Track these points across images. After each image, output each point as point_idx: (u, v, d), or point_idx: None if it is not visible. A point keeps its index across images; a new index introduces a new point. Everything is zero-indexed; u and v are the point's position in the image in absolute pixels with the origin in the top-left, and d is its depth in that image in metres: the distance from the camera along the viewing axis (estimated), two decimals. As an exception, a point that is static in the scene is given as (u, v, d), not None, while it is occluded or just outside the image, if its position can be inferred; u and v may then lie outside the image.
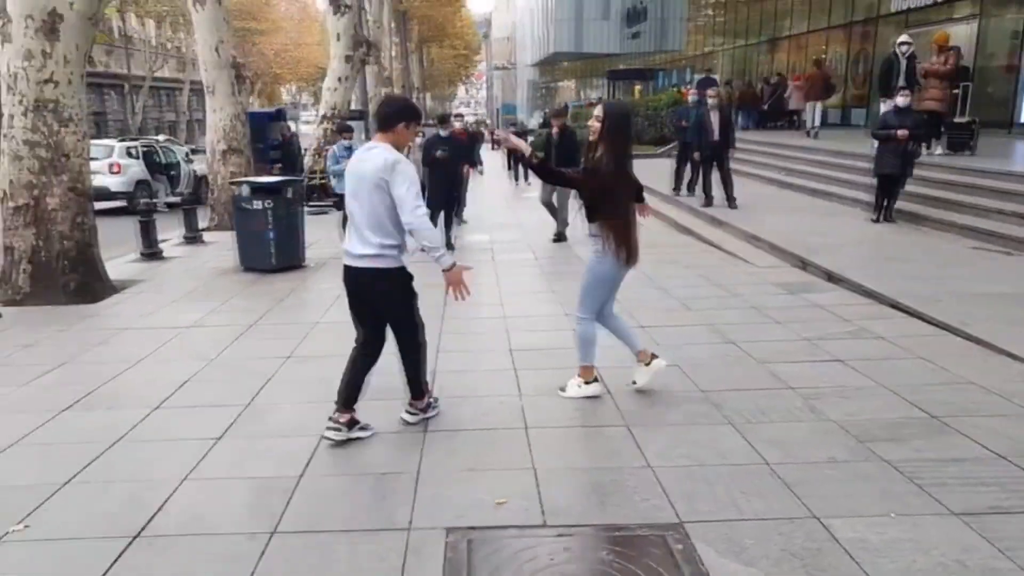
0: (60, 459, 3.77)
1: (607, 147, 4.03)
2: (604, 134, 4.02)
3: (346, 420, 3.86)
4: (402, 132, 3.74)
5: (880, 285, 6.64)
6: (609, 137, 4.02)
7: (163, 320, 6.55)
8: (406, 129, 3.75)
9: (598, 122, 4.05)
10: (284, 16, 50.90)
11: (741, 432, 3.87)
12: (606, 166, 4.03)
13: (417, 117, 3.86)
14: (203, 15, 11.19)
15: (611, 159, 4.03)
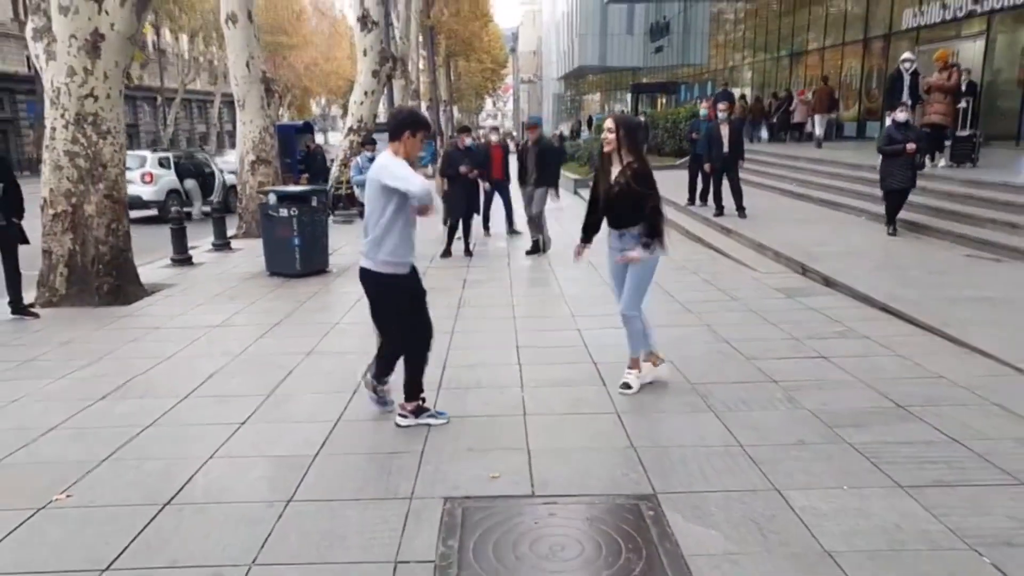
0: (97, 440, 4.17)
1: (632, 150, 4.38)
2: (623, 141, 4.36)
3: (412, 408, 4.25)
4: (408, 141, 4.04)
5: (873, 290, 6.89)
6: (628, 142, 4.36)
7: (192, 320, 6.99)
8: (412, 138, 4.04)
9: (611, 133, 4.39)
10: (315, 31, 52.03)
11: (721, 419, 4.19)
12: (643, 167, 4.38)
13: (422, 126, 4.14)
14: (235, 32, 11.74)
15: (640, 159, 4.39)
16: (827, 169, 14.24)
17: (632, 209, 4.45)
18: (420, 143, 4.16)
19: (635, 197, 4.40)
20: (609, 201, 4.56)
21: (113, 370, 5.47)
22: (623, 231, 4.55)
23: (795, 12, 25.08)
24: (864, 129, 20.64)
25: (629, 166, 4.40)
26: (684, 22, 37.90)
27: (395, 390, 4.41)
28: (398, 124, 4.10)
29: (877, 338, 5.66)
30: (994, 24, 15.64)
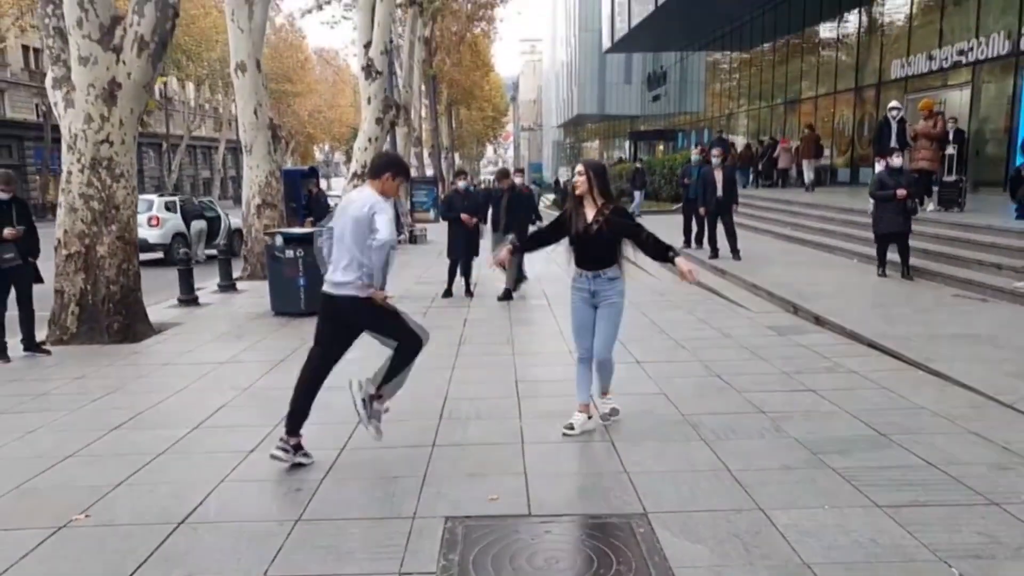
0: (113, 466, 4.35)
1: (603, 193, 4.56)
2: (593, 182, 4.57)
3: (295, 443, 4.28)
4: (387, 181, 4.22)
5: (861, 328, 7.12)
6: (599, 185, 4.59)
7: (200, 357, 7.20)
8: (392, 180, 4.24)
9: (581, 175, 4.62)
10: (319, 79, 53.20)
11: (711, 446, 4.37)
12: (619, 206, 4.61)
13: (403, 172, 4.36)
14: (244, 80, 12.18)
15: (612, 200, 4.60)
16: (819, 213, 14.60)
17: (608, 250, 4.58)
18: (397, 188, 4.36)
19: (613, 236, 4.52)
20: (585, 242, 4.59)
21: (125, 403, 5.66)
22: (598, 272, 4.60)
23: (788, 62, 25.83)
24: (857, 175, 21.12)
25: (604, 206, 4.55)
26: (681, 71, 38.90)
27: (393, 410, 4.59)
28: (383, 164, 4.32)
29: (864, 372, 5.87)
30: (979, 74, 16.18)
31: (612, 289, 4.63)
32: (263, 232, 12.36)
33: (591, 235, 4.58)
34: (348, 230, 4.11)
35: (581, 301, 4.73)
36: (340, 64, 58.11)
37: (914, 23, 18.59)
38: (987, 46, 15.53)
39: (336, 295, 4.24)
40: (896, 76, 18.87)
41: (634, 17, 31.16)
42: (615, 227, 4.55)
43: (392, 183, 4.29)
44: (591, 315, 4.72)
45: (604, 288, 4.63)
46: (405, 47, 26.22)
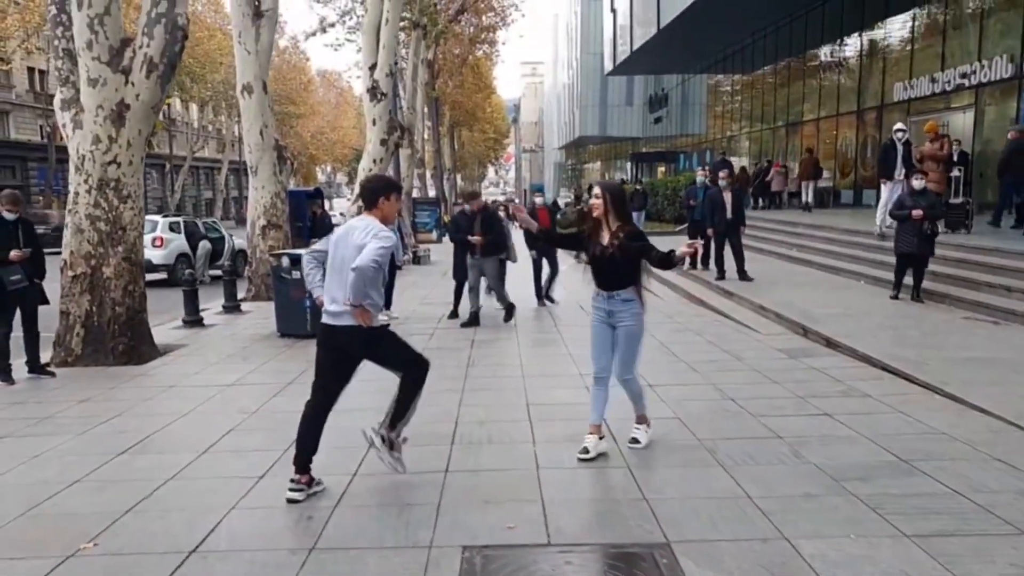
0: (121, 493, 4.27)
1: (619, 216, 4.56)
2: (609, 206, 4.56)
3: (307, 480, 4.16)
4: (384, 206, 4.12)
5: (873, 350, 7.05)
6: (615, 208, 4.57)
7: (206, 379, 7.13)
8: (387, 202, 4.13)
9: (598, 199, 4.58)
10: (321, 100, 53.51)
11: (730, 472, 4.29)
12: (634, 228, 4.58)
13: (395, 189, 4.24)
14: (250, 102, 12.20)
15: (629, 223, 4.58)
16: (823, 235, 14.58)
17: (624, 271, 4.58)
18: (398, 207, 4.26)
19: (629, 259, 4.53)
20: (601, 264, 4.62)
21: (131, 426, 5.59)
22: (613, 293, 4.62)
23: (790, 85, 25.96)
24: (860, 197, 21.14)
25: (620, 229, 4.55)
26: (682, 93, 39.12)
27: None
28: (372, 192, 4.16)
29: (878, 396, 5.80)
30: (982, 96, 16.22)
31: (627, 311, 4.61)
32: (268, 253, 12.33)
33: (606, 258, 4.60)
34: (348, 259, 3.96)
35: (598, 320, 4.74)
36: (343, 86, 58.57)
37: (916, 46, 18.68)
38: (990, 69, 15.58)
39: (336, 325, 4.15)
40: (898, 99, 18.94)
41: (636, 40, 31.37)
42: (628, 251, 4.53)
43: (390, 204, 4.18)
44: (608, 334, 4.71)
45: (619, 309, 4.63)
46: (409, 69, 26.36)
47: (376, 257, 3.85)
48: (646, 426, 4.87)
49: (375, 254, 3.85)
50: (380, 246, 3.90)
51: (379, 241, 3.92)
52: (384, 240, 3.95)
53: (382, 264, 3.92)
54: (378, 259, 3.86)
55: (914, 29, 18.90)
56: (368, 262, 3.82)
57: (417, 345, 8.27)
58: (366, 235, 3.97)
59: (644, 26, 29.97)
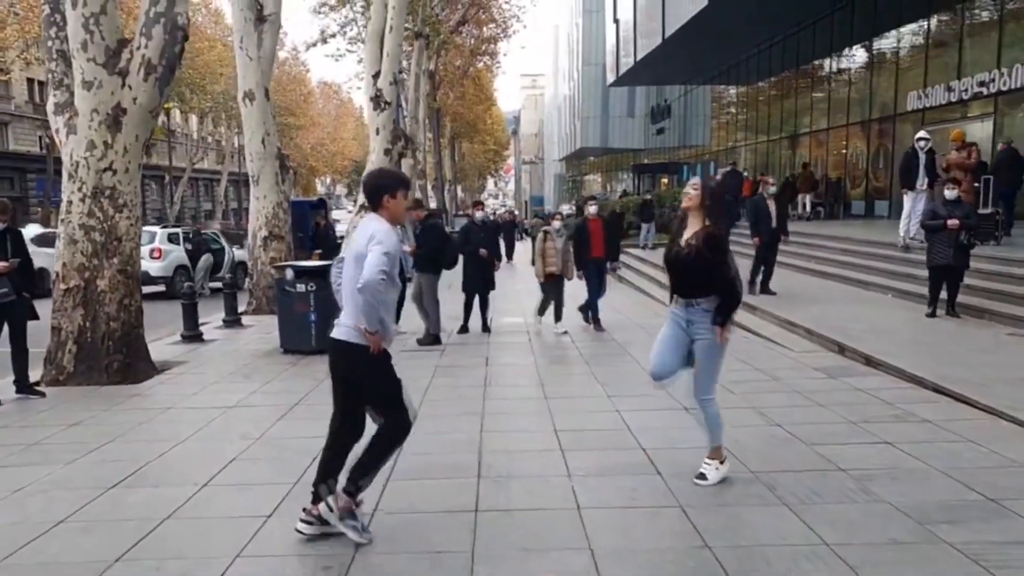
0: (110, 536, 3.79)
1: (710, 214, 4.13)
2: (704, 204, 4.12)
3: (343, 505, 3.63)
4: (389, 204, 3.61)
5: (921, 370, 6.59)
6: (709, 206, 4.13)
7: (206, 400, 6.64)
8: (392, 200, 3.61)
9: (694, 190, 4.17)
10: (321, 112, 53.22)
11: (796, 513, 3.82)
12: (719, 232, 4.10)
13: (402, 185, 3.70)
14: (252, 109, 11.78)
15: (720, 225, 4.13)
16: (842, 246, 14.13)
17: (701, 278, 4.12)
18: (403, 201, 3.68)
19: (705, 264, 4.08)
20: (676, 266, 4.22)
21: (125, 454, 5.10)
22: (690, 302, 4.18)
23: (799, 95, 25.62)
24: (872, 207, 20.74)
25: (704, 230, 4.11)
26: (685, 105, 38.80)
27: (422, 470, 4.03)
28: (376, 189, 3.64)
29: (939, 422, 5.33)
30: (1000, 104, 15.83)
31: (706, 323, 4.14)
32: (270, 265, 11.88)
33: (680, 258, 4.18)
34: (351, 271, 3.54)
35: (673, 321, 4.30)
36: (343, 97, 58.33)
37: (930, 54, 18.32)
38: (1009, 77, 15.20)
39: (332, 337, 3.67)
40: (912, 108, 18.55)
41: (639, 51, 31.05)
42: (700, 256, 4.07)
43: (397, 202, 3.63)
44: (681, 337, 4.27)
45: (699, 319, 4.17)
46: (411, 80, 26.03)
47: (381, 267, 3.35)
48: (718, 462, 4.30)
49: (380, 264, 3.35)
50: (383, 252, 3.38)
51: (380, 247, 3.40)
52: (386, 244, 3.41)
53: (391, 274, 3.41)
54: (385, 269, 3.36)
55: (928, 37, 18.55)
56: (374, 276, 3.34)
57: (428, 363, 7.90)
58: (367, 242, 3.46)
59: (647, 37, 29.65)
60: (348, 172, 59.69)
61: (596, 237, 9.66)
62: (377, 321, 3.46)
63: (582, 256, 9.61)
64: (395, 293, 3.64)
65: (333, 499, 3.61)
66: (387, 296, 3.50)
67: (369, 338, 3.49)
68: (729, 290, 4.13)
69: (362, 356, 3.54)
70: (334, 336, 3.64)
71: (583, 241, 9.58)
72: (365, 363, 3.56)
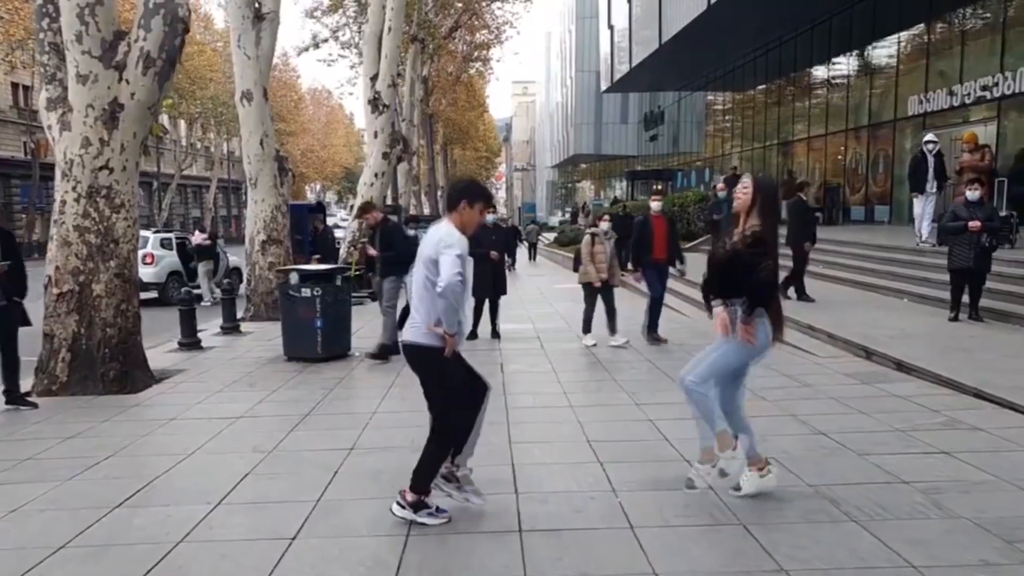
0: (119, 563, 3.43)
1: (761, 215, 3.83)
2: (756, 203, 3.84)
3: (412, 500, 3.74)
4: (465, 211, 3.76)
5: (958, 375, 6.32)
6: (760, 206, 3.84)
7: (211, 410, 6.28)
8: (469, 208, 3.76)
9: (745, 191, 3.88)
10: (312, 118, 52.84)
11: (869, 530, 3.51)
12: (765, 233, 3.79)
13: (480, 196, 3.85)
14: (250, 109, 11.43)
15: (769, 226, 3.83)
16: (852, 250, 13.92)
17: (735, 279, 3.84)
18: (480, 215, 3.85)
19: (742, 265, 3.78)
20: (712, 265, 4.01)
21: (128, 470, 4.74)
22: (730, 302, 3.91)
23: (795, 101, 25.52)
24: (872, 213, 20.60)
25: (751, 229, 3.83)
26: (678, 111, 38.70)
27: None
28: (457, 193, 3.86)
29: (990, 429, 5.05)
30: (1004, 108, 15.70)
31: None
32: (269, 270, 11.52)
33: (718, 256, 3.97)
34: (418, 270, 3.75)
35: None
36: (333, 104, 57.97)
37: (931, 58, 18.20)
38: (1014, 80, 15.07)
39: (404, 340, 3.89)
40: (913, 112, 18.41)
41: (635, 57, 30.91)
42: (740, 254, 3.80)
43: (471, 212, 3.79)
44: None
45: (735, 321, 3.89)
46: (406, 84, 25.74)
47: (456, 270, 3.52)
48: (732, 451, 3.95)
49: (454, 267, 3.52)
50: (455, 254, 3.54)
51: (452, 250, 3.57)
52: (457, 247, 3.56)
53: (465, 275, 3.55)
54: (459, 271, 3.52)
55: (929, 41, 18.44)
56: (452, 280, 3.50)
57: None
58: (438, 247, 3.63)
59: (643, 43, 29.53)
60: (338, 179, 59.28)
61: (659, 237, 8.75)
62: (456, 323, 3.61)
63: (641, 257, 8.77)
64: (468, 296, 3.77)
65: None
66: (463, 293, 3.61)
67: (448, 340, 3.63)
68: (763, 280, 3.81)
69: (435, 357, 3.69)
70: (405, 339, 3.82)
71: (645, 241, 8.71)
72: (424, 364, 3.77)
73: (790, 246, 10.56)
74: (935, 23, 18.10)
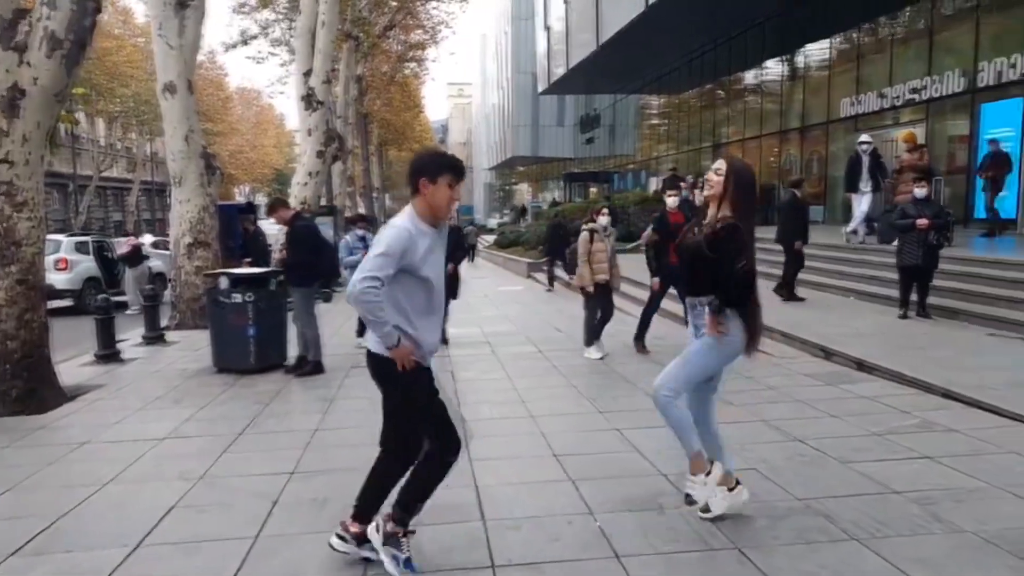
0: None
1: (735, 204, 3.46)
2: (729, 191, 3.46)
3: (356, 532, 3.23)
4: (428, 191, 3.05)
5: (921, 373, 6.21)
6: (734, 193, 3.46)
7: (131, 431, 5.63)
8: (431, 184, 3.05)
9: (718, 176, 3.48)
10: (240, 118, 51.13)
11: (872, 549, 3.22)
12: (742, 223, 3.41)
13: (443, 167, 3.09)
14: (173, 103, 10.64)
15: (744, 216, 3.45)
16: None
17: (707, 273, 3.48)
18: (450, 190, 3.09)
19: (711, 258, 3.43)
20: (684, 256, 3.65)
21: (28, 508, 4.10)
22: (695, 300, 3.57)
23: (730, 104, 25.80)
24: (807, 213, 20.87)
25: (725, 219, 3.46)
26: (614, 114, 38.85)
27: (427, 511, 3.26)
28: (410, 172, 3.14)
29: (965, 430, 4.88)
30: (932, 111, 16.07)
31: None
32: (195, 274, 10.76)
33: (687, 245, 3.58)
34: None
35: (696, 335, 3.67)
36: (263, 104, 56.30)
37: (862, 62, 18.55)
38: (941, 84, 15.42)
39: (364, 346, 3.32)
40: (845, 114, 18.74)
41: (572, 59, 30.82)
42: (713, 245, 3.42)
43: (437, 189, 3.06)
44: None
45: (701, 321, 3.57)
46: (341, 83, 24.97)
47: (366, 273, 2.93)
48: (705, 476, 3.59)
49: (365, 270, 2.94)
50: (376, 255, 2.98)
51: (375, 249, 3.03)
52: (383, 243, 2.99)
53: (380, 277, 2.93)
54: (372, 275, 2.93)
55: (860, 45, 18.79)
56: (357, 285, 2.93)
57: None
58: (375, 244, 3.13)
59: (580, 45, 29.45)
60: (269, 181, 57.55)
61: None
62: (389, 334, 2.97)
63: (661, 259, 7.75)
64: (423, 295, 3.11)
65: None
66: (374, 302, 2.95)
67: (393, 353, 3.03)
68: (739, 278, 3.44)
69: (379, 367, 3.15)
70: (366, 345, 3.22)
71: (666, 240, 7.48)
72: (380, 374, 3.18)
73: (781, 244, 10.44)
74: (866, 28, 18.44)
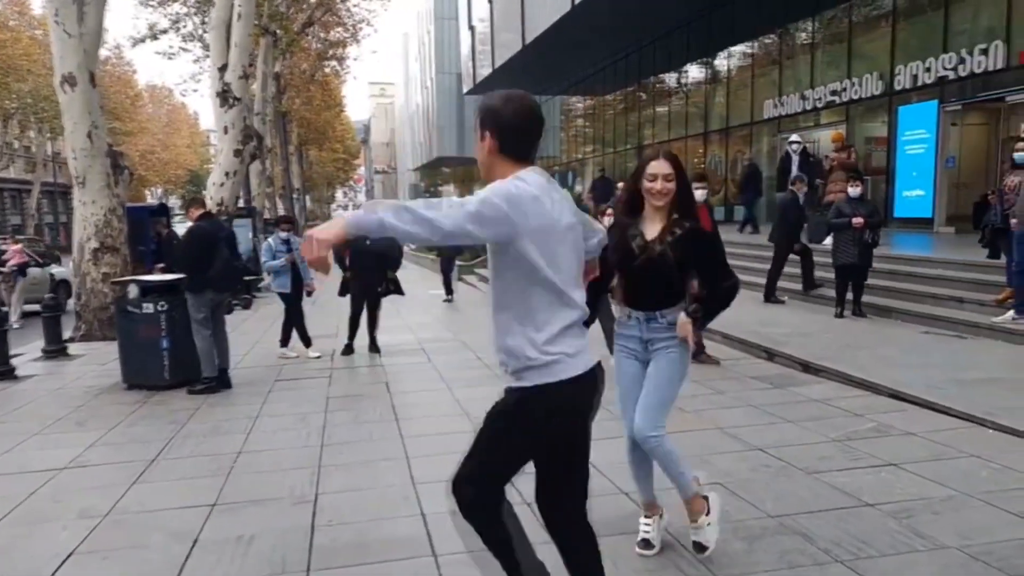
0: None
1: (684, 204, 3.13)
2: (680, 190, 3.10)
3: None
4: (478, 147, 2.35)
5: (867, 374, 6.18)
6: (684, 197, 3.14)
7: (23, 461, 5.00)
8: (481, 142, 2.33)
9: (669, 182, 3.08)
10: (151, 117, 48.87)
11: (860, 573, 3.00)
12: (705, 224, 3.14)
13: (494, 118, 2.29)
14: (74, 96, 9.79)
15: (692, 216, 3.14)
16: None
17: (668, 286, 3.17)
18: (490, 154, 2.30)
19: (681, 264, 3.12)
20: (639, 271, 3.17)
21: (-103, 558, 3.50)
22: (654, 314, 3.18)
23: (654, 105, 26.06)
24: (732, 213, 21.25)
25: (679, 224, 3.12)
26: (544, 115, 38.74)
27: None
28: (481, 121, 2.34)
29: (922, 433, 4.81)
30: (851, 113, 16.53)
31: (672, 337, 3.17)
32: (102, 282, 9.96)
33: (652, 259, 3.12)
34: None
35: (627, 355, 3.27)
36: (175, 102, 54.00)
37: (785, 64, 18.96)
38: (860, 86, 15.86)
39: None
40: (769, 116, 19.13)
41: (497, 59, 30.58)
42: (687, 253, 3.11)
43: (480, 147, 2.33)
44: (642, 374, 3.25)
45: (661, 335, 3.18)
46: (258, 80, 24.00)
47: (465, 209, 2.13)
48: (706, 516, 3.25)
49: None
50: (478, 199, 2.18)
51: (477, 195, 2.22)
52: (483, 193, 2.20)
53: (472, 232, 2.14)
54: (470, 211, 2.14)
55: (783, 48, 19.21)
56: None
57: (315, 394, 6.52)
58: None
59: (505, 45, 29.24)
60: (183, 182, 55.21)
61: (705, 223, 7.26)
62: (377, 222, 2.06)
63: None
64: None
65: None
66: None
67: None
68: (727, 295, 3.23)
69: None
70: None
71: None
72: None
73: (774, 244, 10.23)
74: (789, 31, 18.85)
